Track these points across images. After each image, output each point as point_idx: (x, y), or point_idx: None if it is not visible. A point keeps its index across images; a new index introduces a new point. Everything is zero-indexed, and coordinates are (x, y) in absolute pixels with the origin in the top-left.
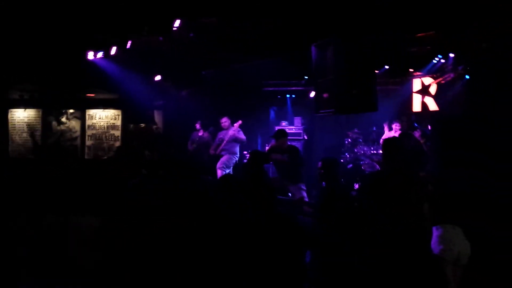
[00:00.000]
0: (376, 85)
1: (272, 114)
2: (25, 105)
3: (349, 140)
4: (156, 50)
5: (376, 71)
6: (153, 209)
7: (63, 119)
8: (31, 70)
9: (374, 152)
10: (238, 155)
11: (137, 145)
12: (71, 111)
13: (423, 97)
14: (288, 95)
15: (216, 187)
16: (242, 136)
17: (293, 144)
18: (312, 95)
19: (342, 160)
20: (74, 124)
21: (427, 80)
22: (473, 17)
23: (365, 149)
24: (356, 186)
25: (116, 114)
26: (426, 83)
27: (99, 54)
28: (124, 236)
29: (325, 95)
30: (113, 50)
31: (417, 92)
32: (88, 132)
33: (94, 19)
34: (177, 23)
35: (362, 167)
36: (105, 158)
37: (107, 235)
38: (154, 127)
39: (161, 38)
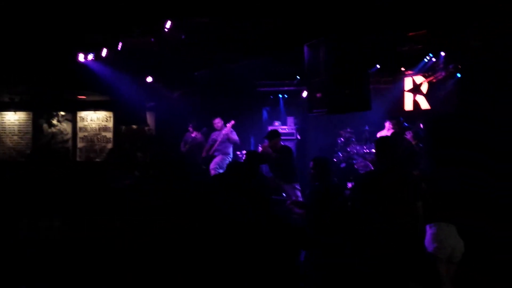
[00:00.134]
0: (369, 84)
1: (265, 114)
2: (16, 108)
3: (342, 139)
4: (147, 51)
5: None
6: (153, 210)
7: (54, 121)
8: (22, 72)
9: (367, 151)
10: (232, 155)
11: (129, 147)
12: (62, 113)
13: (414, 96)
14: (280, 95)
15: (215, 188)
16: (235, 136)
17: (286, 144)
18: (304, 95)
19: (335, 160)
20: (65, 126)
21: (419, 78)
22: (466, 16)
23: (357, 148)
24: (349, 185)
25: (107, 116)
26: (417, 82)
27: (90, 56)
28: (124, 237)
29: (318, 94)
30: (104, 52)
31: (409, 91)
32: (80, 134)
33: (85, 20)
34: (168, 24)
35: (355, 166)
36: (97, 160)
37: (105, 236)
38: (146, 128)
39: (152, 39)
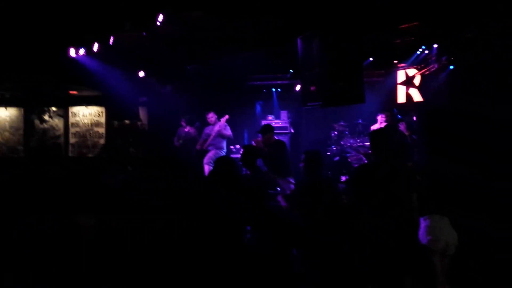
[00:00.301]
0: (363, 76)
1: (258, 108)
2: (7, 104)
3: (335, 132)
4: (139, 45)
5: None
6: (152, 209)
7: (46, 117)
8: (12, 68)
9: (360, 144)
10: (225, 150)
11: (121, 142)
12: (54, 109)
13: (407, 89)
14: (274, 89)
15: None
16: (228, 132)
17: (280, 138)
18: (298, 88)
19: (328, 153)
20: (57, 122)
21: (411, 71)
22: (461, 9)
23: (351, 141)
24: (343, 178)
25: (99, 111)
26: (410, 75)
27: (81, 51)
28: (123, 235)
29: (312, 87)
30: (95, 47)
31: (402, 83)
32: (72, 130)
33: (76, 15)
34: (160, 17)
35: (348, 160)
36: (90, 155)
37: (103, 234)
38: (139, 123)
39: (144, 33)
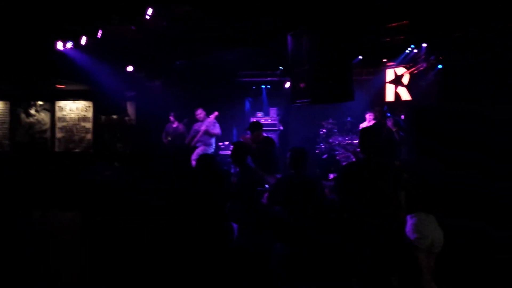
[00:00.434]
0: (352, 74)
1: (247, 105)
2: None
3: (324, 130)
4: (128, 40)
5: None
6: (155, 209)
7: (32, 111)
8: None
9: (349, 142)
10: (214, 146)
11: (109, 138)
12: (40, 103)
13: (396, 87)
14: (263, 86)
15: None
16: (216, 130)
17: (269, 135)
18: (287, 85)
19: (317, 151)
20: (44, 116)
21: (400, 70)
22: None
23: (339, 139)
24: (331, 176)
25: (87, 105)
26: (399, 73)
27: (69, 44)
28: (124, 235)
29: (302, 84)
30: (83, 40)
31: (390, 82)
32: (58, 125)
33: (63, 7)
34: (149, 11)
35: (337, 157)
36: (77, 151)
37: (88, 231)
38: (127, 118)
39: (133, 27)
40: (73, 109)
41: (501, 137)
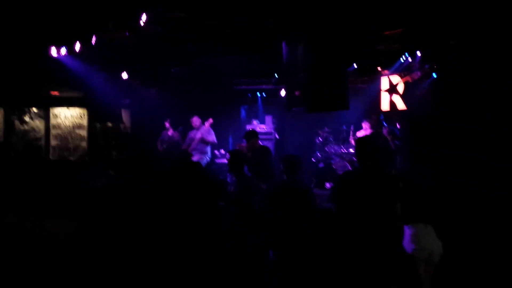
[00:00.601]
0: (348, 83)
1: (243, 112)
2: None
3: (320, 139)
4: (122, 46)
5: None
6: (151, 210)
7: (26, 118)
8: None
9: (345, 151)
10: (210, 154)
11: (104, 145)
12: (35, 110)
13: (391, 96)
14: (259, 94)
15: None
16: (211, 137)
17: (265, 143)
18: (283, 93)
19: (313, 159)
20: (38, 123)
21: (395, 78)
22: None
23: (335, 148)
24: (328, 185)
25: (81, 113)
26: (394, 82)
27: (63, 51)
28: (120, 238)
29: (297, 92)
30: (77, 46)
31: (385, 91)
32: (53, 132)
33: (57, 13)
34: (143, 17)
35: (333, 166)
36: (71, 158)
37: (87, 240)
38: (122, 126)
39: (127, 33)
40: (67, 116)
41: (500, 138)
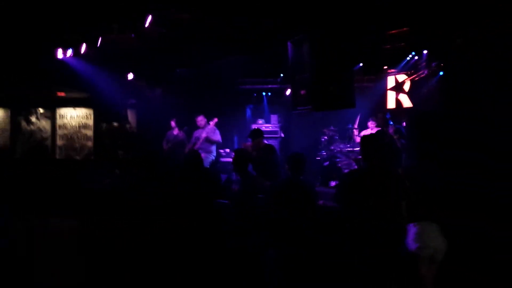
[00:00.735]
0: (353, 81)
1: (248, 112)
2: None
3: (325, 137)
4: (128, 47)
5: None
6: (152, 210)
7: (33, 119)
8: None
9: (350, 149)
10: (215, 153)
11: (110, 145)
12: (41, 110)
13: (397, 94)
14: (264, 93)
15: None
16: (217, 137)
17: (270, 142)
18: (288, 92)
19: (318, 158)
20: (44, 124)
21: (401, 77)
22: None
23: (341, 146)
24: (333, 183)
25: (88, 113)
26: (400, 80)
27: (69, 52)
28: (121, 237)
29: (302, 91)
30: (83, 48)
31: (391, 89)
32: (59, 132)
33: (63, 15)
34: (148, 19)
35: (338, 165)
36: (78, 158)
37: (90, 239)
38: (128, 126)
39: (133, 35)
40: (74, 116)
41: (502, 137)
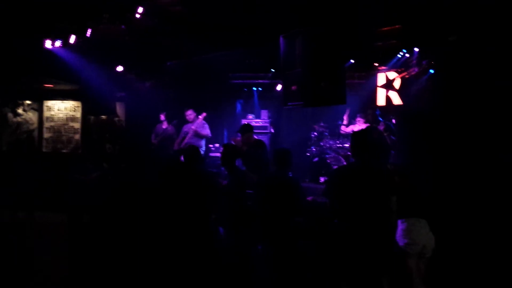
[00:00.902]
0: (345, 77)
1: (238, 107)
2: None
3: (315, 133)
4: (118, 39)
5: None
6: (141, 208)
7: (20, 110)
8: None
9: (340, 145)
10: (204, 148)
11: (98, 138)
12: (28, 102)
13: (387, 92)
14: (254, 88)
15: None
16: (205, 131)
17: (260, 137)
18: (279, 88)
19: (308, 154)
20: (31, 116)
21: (392, 74)
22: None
23: (330, 142)
24: (322, 179)
25: (75, 105)
26: (390, 78)
27: (58, 43)
28: (110, 235)
29: (294, 87)
30: (72, 39)
31: (382, 86)
32: (46, 124)
33: (52, 5)
34: (140, 10)
35: (327, 161)
36: (65, 151)
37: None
38: (116, 119)
39: (123, 26)
40: (61, 108)
41: (496, 133)
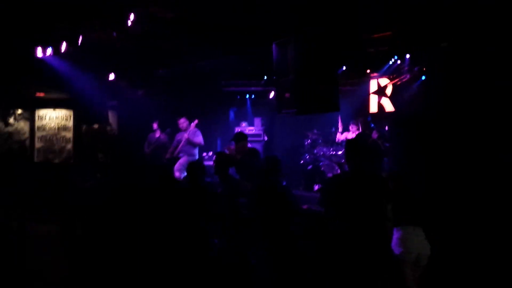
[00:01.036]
0: (338, 84)
1: (231, 114)
2: None
3: (308, 141)
4: (109, 47)
5: None
6: (136, 216)
7: (11, 120)
8: None
9: (333, 153)
10: (197, 156)
11: (90, 148)
12: (19, 111)
13: (379, 98)
14: (247, 96)
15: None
16: (198, 139)
17: (254, 145)
18: (272, 95)
19: (302, 161)
20: (23, 125)
21: (384, 81)
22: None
23: (324, 150)
24: (316, 187)
25: (67, 114)
26: (382, 84)
27: (49, 51)
28: (104, 244)
29: (287, 94)
30: (63, 47)
31: (374, 93)
32: (38, 134)
33: (43, 13)
34: (131, 17)
35: (321, 168)
36: (57, 161)
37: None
38: (108, 128)
39: (114, 33)
40: (53, 118)
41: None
